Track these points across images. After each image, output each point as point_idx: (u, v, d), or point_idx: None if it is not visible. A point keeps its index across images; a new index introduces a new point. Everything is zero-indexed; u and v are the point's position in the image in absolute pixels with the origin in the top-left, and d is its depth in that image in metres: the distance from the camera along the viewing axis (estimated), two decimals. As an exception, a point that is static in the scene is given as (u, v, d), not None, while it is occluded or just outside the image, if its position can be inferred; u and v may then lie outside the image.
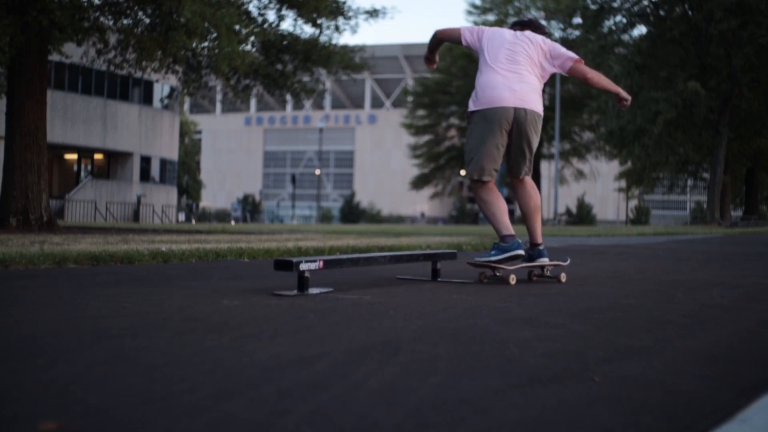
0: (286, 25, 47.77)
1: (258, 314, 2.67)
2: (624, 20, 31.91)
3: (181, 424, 1.24)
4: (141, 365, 1.72)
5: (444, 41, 4.66)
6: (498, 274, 4.17)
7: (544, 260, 4.31)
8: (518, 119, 4.16)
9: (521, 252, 4.12)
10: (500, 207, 4.28)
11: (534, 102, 4.20)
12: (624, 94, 4.37)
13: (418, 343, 2.08)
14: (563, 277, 4.27)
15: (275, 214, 76.98)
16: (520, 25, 4.49)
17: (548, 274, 4.38)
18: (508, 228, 4.20)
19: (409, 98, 52.51)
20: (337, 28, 15.27)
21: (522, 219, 4.52)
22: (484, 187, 4.29)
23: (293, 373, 1.65)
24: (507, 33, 4.36)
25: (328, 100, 78.82)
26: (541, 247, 4.37)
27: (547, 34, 4.54)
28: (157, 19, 12.29)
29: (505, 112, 4.13)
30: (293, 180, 59.80)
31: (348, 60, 16.23)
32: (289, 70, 15.86)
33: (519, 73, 4.20)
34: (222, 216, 65.54)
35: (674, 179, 40.24)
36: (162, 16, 11.75)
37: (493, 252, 4.12)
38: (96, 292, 3.39)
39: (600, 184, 65.70)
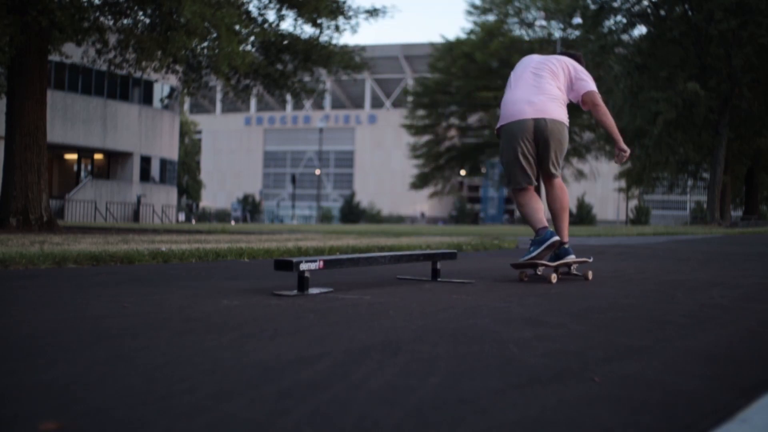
0: (286, 25, 47.80)
1: (258, 314, 2.67)
2: (624, 20, 31.92)
3: (181, 424, 1.24)
4: (141, 365, 1.72)
5: None
6: (539, 272, 4.34)
7: (571, 257, 4.46)
8: (538, 129, 4.40)
9: (556, 238, 4.30)
10: (534, 206, 4.51)
11: (553, 111, 4.42)
12: (623, 145, 4.60)
13: (418, 343, 2.08)
14: (590, 274, 4.45)
15: (275, 214, 76.98)
16: (561, 53, 4.82)
17: (575, 271, 4.53)
18: (540, 221, 4.42)
19: (409, 98, 52.52)
20: (337, 28, 15.27)
21: (551, 219, 4.76)
22: (519, 193, 4.58)
23: (293, 373, 1.65)
24: (535, 56, 4.70)
25: (328, 100, 78.85)
26: (567, 246, 4.53)
27: (580, 61, 4.78)
28: (157, 19, 12.29)
29: (524, 124, 4.41)
30: (293, 180, 59.83)
31: (348, 60, 16.22)
32: (289, 70, 15.86)
33: (539, 86, 4.46)
34: (222, 216, 65.53)
35: (674, 179, 40.24)
36: (162, 16, 11.75)
37: (531, 249, 4.31)
38: (96, 292, 3.39)
39: (600, 184, 65.71)
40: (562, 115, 4.45)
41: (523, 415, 1.34)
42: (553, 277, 4.21)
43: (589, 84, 4.54)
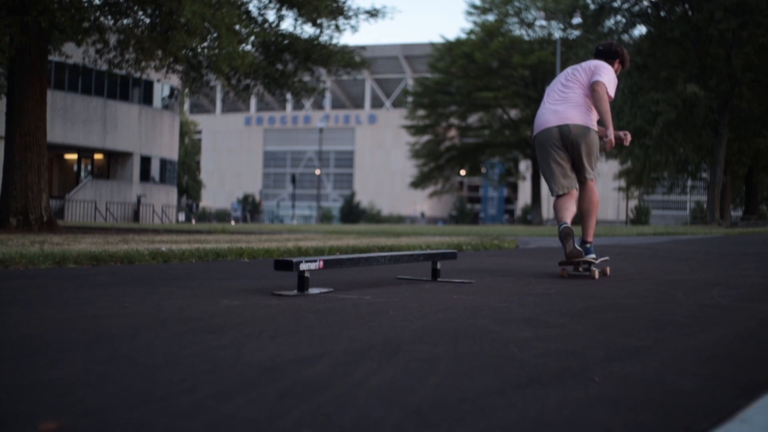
0: (286, 25, 47.79)
1: (258, 314, 2.67)
2: (624, 20, 31.90)
3: (181, 424, 1.24)
4: (141, 365, 1.72)
5: None
6: (581, 269, 4.62)
7: (591, 256, 4.65)
8: (564, 135, 4.69)
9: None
10: (560, 207, 4.76)
11: (576, 117, 4.68)
12: (609, 133, 4.71)
13: (418, 343, 2.08)
14: (608, 270, 4.81)
15: (275, 214, 76.98)
16: (596, 54, 5.05)
17: (593, 268, 4.70)
18: (560, 219, 4.67)
19: (409, 98, 52.46)
20: (337, 28, 15.27)
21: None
22: (558, 198, 4.81)
23: (293, 373, 1.65)
24: (568, 69, 4.96)
25: (328, 100, 78.83)
26: (588, 245, 4.78)
27: (617, 53, 5.01)
28: (157, 19, 12.29)
29: (549, 132, 4.74)
30: (293, 180, 59.81)
31: (348, 59, 16.23)
32: (289, 69, 15.86)
33: (564, 95, 4.75)
34: (222, 216, 65.54)
35: (674, 179, 40.23)
36: (162, 16, 11.75)
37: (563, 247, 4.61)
38: (96, 292, 3.39)
39: (600, 184, 65.41)
40: (585, 119, 4.69)
41: (523, 415, 1.34)
42: (596, 273, 4.51)
43: (598, 76, 4.70)
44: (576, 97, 4.73)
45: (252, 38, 14.26)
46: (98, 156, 34.75)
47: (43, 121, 11.97)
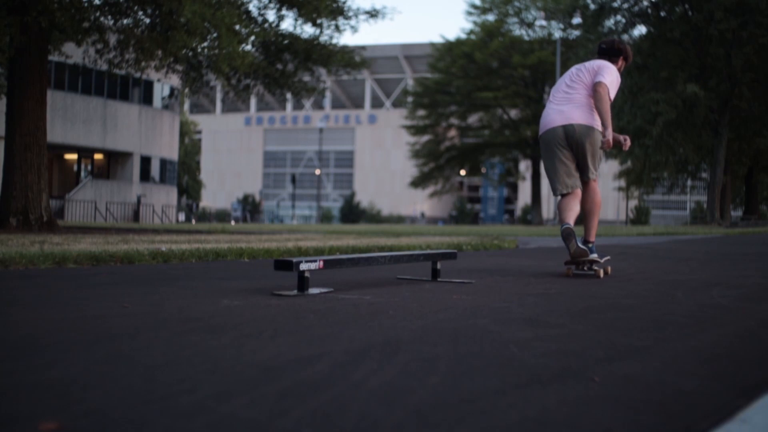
0: (286, 25, 47.77)
1: (258, 314, 2.67)
2: (624, 20, 31.89)
3: (181, 424, 1.23)
4: (141, 365, 1.72)
5: None
6: (585, 268, 4.70)
7: (594, 256, 4.71)
8: (569, 134, 4.79)
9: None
10: (563, 207, 4.84)
11: (580, 117, 4.78)
12: (607, 134, 4.75)
13: (418, 343, 2.08)
14: (609, 269, 4.87)
15: (275, 214, 76.98)
16: (599, 52, 5.11)
17: (596, 267, 4.79)
18: (563, 220, 4.75)
19: (409, 98, 52.44)
20: (337, 28, 15.28)
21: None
22: (563, 198, 4.89)
23: (293, 373, 1.65)
24: (573, 68, 5.02)
25: (328, 100, 78.81)
26: (590, 245, 4.85)
27: (620, 50, 5.07)
28: (157, 19, 12.29)
29: (554, 132, 4.83)
30: (293, 180, 59.80)
31: (348, 59, 16.24)
32: (289, 69, 15.86)
33: (569, 95, 4.84)
34: (222, 216, 65.53)
35: (674, 179, 40.22)
36: (162, 16, 11.76)
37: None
38: (96, 292, 3.39)
39: (600, 184, 65.02)
40: (589, 119, 4.77)
41: (523, 415, 1.34)
42: (600, 273, 4.62)
43: (600, 76, 4.77)
44: (580, 98, 4.81)
45: (252, 38, 14.26)
46: (98, 156, 34.74)
47: (43, 121, 11.97)
